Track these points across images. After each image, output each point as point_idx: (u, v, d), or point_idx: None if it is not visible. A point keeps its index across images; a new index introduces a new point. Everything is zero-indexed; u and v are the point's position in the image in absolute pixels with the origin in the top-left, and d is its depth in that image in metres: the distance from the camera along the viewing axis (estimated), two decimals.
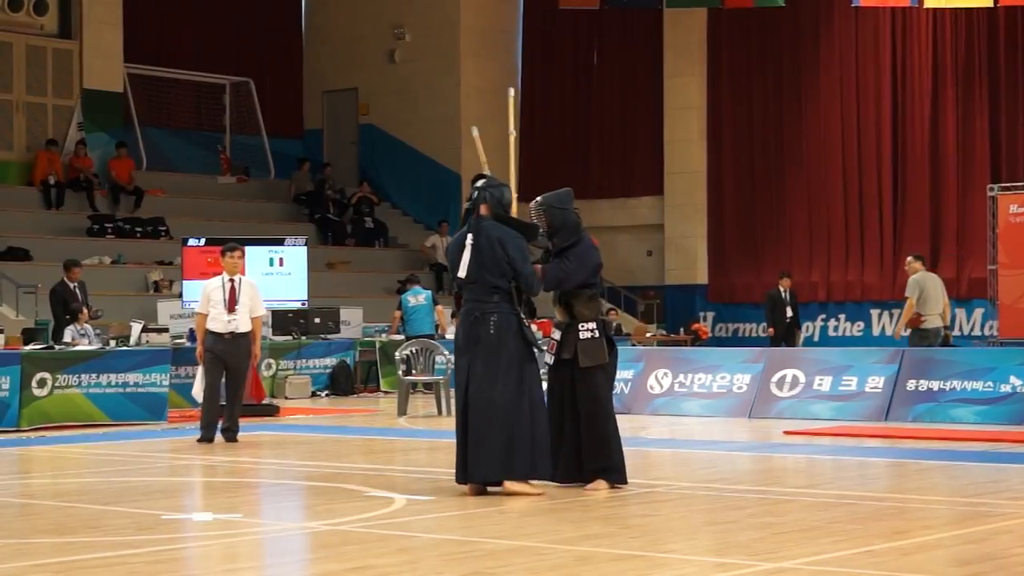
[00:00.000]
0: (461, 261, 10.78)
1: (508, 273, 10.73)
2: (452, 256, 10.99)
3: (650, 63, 31.18)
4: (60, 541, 8.93)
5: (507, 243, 10.74)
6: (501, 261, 10.71)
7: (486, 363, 10.65)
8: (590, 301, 11.21)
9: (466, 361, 10.74)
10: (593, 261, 11.32)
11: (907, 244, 28.26)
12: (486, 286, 10.74)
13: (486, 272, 10.73)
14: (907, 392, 17.50)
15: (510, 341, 10.70)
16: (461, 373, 10.79)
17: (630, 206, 31.71)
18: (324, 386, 23.51)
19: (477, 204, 10.93)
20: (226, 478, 12.73)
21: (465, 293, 10.90)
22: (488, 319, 10.71)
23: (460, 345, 10.87)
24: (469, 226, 10.88)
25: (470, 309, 10.82)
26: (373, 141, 33.33)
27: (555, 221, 11.19)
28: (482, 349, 10.67)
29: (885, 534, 8.91)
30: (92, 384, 17.66)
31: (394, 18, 32.63)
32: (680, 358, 19.89)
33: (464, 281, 10.81)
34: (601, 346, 11.08)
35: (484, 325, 10.70)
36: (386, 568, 7.83)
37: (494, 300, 10.74)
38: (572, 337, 11.03)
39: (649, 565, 7.97)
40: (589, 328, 11.06)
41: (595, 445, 10.95)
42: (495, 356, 10.65)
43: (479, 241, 10.76)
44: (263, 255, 21.44)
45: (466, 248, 10.78)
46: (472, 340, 10.73)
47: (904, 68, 28.51)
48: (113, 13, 29.77)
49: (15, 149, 28.92)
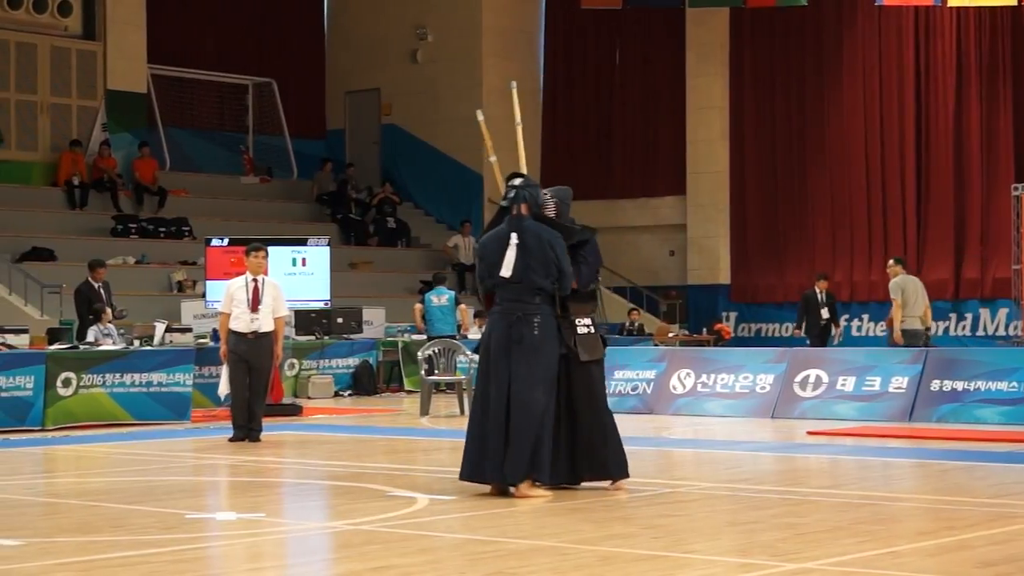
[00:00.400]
0: (505, 260, 10.69)
1: (553, 275, 10.71)
2: (490, 254, 10.84)
3: (672, 63, 31.15)
4: (84, 540, 8.95)
5: (556, 245, 10.75)
6: (550, 263, 10.70)
7: (528, 364, 10.59)
8: (588, 298, 11.18)
9: (507, 361, 10.63)
10: (600, 259, 11.43)
11: (931, 244, 28.21)
12: (530, 287, 10.70)
13: (532, 273, 10.68)
14: (931, 392, 17.46)
15: (548, 344, 10.69)
16: (502, 372, 10.62)
17: (652, 206, 31.68)
18: (347, 386, 23.54)
19: (516, 203, 10.87)
20: (249, 478, 12.75)
21: (503, 292, 10.79)
22: (531, 320, 10.66)
23: (498, 344, 10.71)
24: (510, 224, 10.80)
25: (510, 309, 10.72)
26: (395, 141, 33.35)
27: (562, 216, 11.19)
28: (525, 350, 10.61)
29: (909, 535, 8.89)
30: (116, 384, 17.70)
31: (416, 18, 32.65)
32: (703, 358, 19.87)
33: (507, 281, 10.72)
34: (598, 341, 11.07)
35: (527, 326, 10.65)
36: (409, 568, 7.84)
37: (536, 302, 10.71)
38: (569, 333, 10.94)
39: (672, 565, 7.96)
40: (585, 323, 11.01)
41: (598, 439, 10.88)
42: (536, 358, 10.61)
43: (526, 241, 10.71)
44: (286, 255, 21.46)
45: (511, 247, 10.70)
46: (514, 340, 10.63)
47: (928, 67, 28.43)
48: (137, 14, 29.86)
49: (40, 150, 29.02)
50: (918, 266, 27.97)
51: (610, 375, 19.63)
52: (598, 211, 31.77)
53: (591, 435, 10.89)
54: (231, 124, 32.71)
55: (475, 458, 10.72)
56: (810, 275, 29.13)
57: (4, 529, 9.30)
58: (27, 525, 9.67)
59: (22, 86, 28.64)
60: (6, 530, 9.24)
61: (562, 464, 10.87)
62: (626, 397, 19.54)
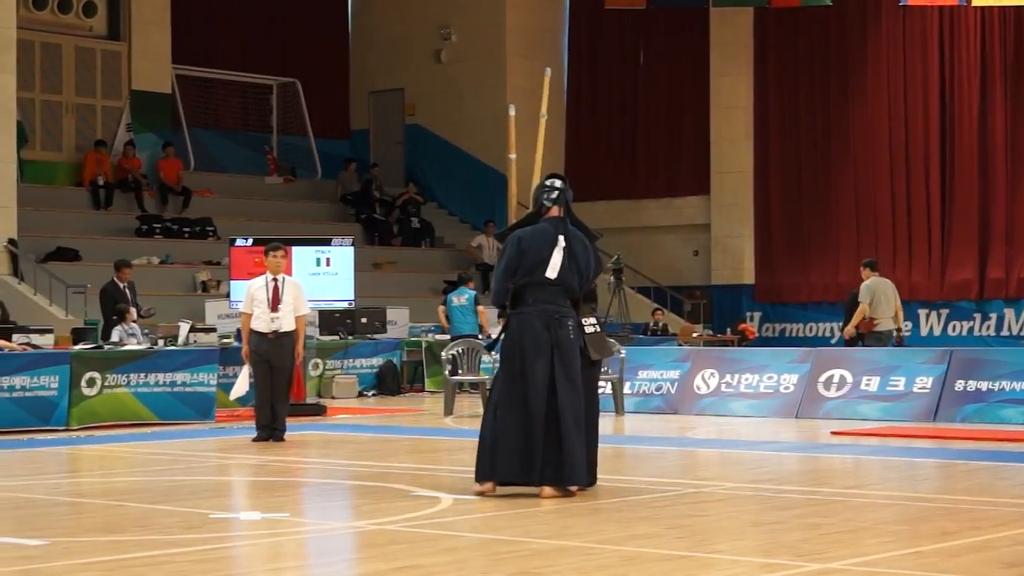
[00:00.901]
0: (551, 261, 10.63)
1: (585, 278, 10.78)
2: (535, 252, 10.68)
3: (696, 62, 31.11)
4: (109, 540, 8.97)
5: (590, 250, 10.83)
6: (586, 268, 10.76)
7: (567, 367, 10.59)
8: (590, 298, 11.15)
9: (545, 363, 10.57)
10: (600, 259, 11.36)
11: (955, 243, 28.13)
12: (567, 290, 10.72)
13: (572, 276, 10.70)
14: (955, 392, 17.42)
15: (577, 347, 10.71)
16: (539, 373, 10.53)
17: (676, 206, 31.65)
18: (371, 386, 23.57)
19: (558, 204, 10.83)
20: (273, 477, 12.77)
21: (539, 293, 10.66)
22: (566, 323, 10.67)
23: (535, 345, 10.59)
24: (555, 226, 10.74)
25: (547, 311, 10.65)
26: (419, 141, 33.38)
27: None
28: (564, 352, 10.60)
29: (933, 535, 8.86)
30: (141, 384, 17.76)
31: (440, 18, 32.67)
32: (727, 358, 19.86)
33: (549, 281, 10.66)
34: (605, 340, 11.08)
35: (563, 328, 10.65)
36: (433, 568, 7.84)
37: (568, 304, 10.75)
38: (580, 333, 10.86)
39: (696, 565, 7.95)
40: (591, 323, 10.96)
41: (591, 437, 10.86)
42: (573, 360, 10.62)
43: (573, 245, 10.73)
44: (310, 255, 21.47)
45: (558, 249, 10.67)
46: (553, 342, 10.60)
47: (952, 67, 28.36)
48: (161, 15, 29.94)
49: (64, 150, 29.12)
50: (942, 266, 27.93)
51: (634, 375, 19.67)
52: (622, 211, 31.82)
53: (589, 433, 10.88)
54: (255, 124, 32.76)
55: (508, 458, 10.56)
56: (834, 274, 29.16)
57: (29, 529, 9.34)
58: (52, 525, 9.70)
59: (47, 86, 28.74)
60: (31, 530, 9.27)
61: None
62: (650, 397, 19.54)
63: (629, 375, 19.61)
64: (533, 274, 10.67)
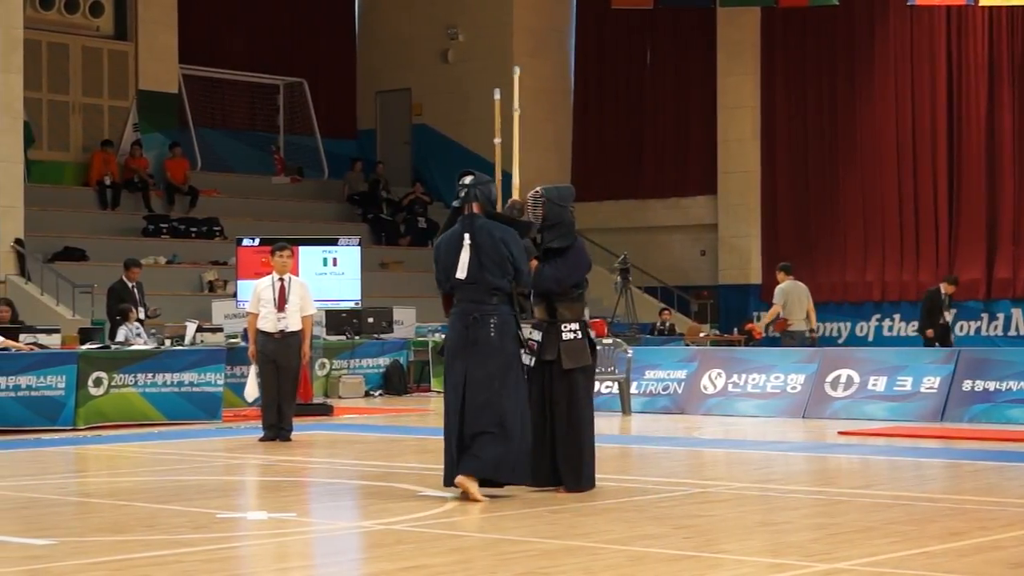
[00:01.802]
0: (460, 261, 10.48)
1: (509, 273, 10.47)
2: (445, 256, 10.61)
3: (703, 62, 31.09)
4: (116, 539, 8.98)
5: (510, 242, 10.49)
6: (504, 261, 10.45)
7: (484, 367, 10.38)
8: (574, 302, 10.95)
9: (462, 364, 10.44)
10: (585, 265, 11.05)
11: (962, 243, 28.09)
12: (486, 287, 10.47)
13: (487, 272, 10.45)
14: (963, 392, 17.41)
15: (508, 344, 10.48)
16: (456, 376, 10.46)
17: (683, 206, 31.63)
18: (377, 386, 23.57)
19: (467, 201, 10.65)
20: (280, 477, 12.77)
21: (460, 293, 10.55)
22: (488, 321, 10.44)
23: (454, 347, 10.54)
24: (463, 225, 10.61)
25: (467, 310, 10.49)
26: (426, 141, 33.38)
27: (551, 216, 10.89)
28: (480, 352, 10.40)
29: (941, 535, 8.85)
30: (148, 384, 17.76)
31: (447, 18, 32.67)
32: (734, 358, 19.85)
33: (462, 282, 10.51)
34: (584, 348, 10.83)
35: (484, 328, 10.42)
36: (439, 568, 7.84)
37: (493, 302, 10.48)
38: (554, 338, 10.79)
39: (703, 565, 7.95)
40: (572, 329, 10.81)
41: (569, 449, 10.71)
42: (493, 359, 10.40)
43: (479, 241, 10.48)
44: (317, 255, 21.47)
45: (464, 248, 10.48)
46: (469, 342, 10.42)
47: (960, 67, 28.32)
48: (168, 15, 29.95)
49: (71, 150, 29.14)
50: (949, 266, 27.88)
51: (640, 375, 19.65)
52: (629, 211, 31.82)
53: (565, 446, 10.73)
54: (262, 124, 32.78)
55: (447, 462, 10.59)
56: (841, 274, 29.15)
57: (37, 529, 9.35)
58: (59, 525, 9.71)
59: (54, 86, 28.76)
60: (39, 529, 9.28)
61: (545, 468, 10.76)
62: (657, 397, 19.53)
63: (636, 375, 19.60)
64: (450, 277, 10.59)
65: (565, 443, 10.74)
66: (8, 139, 24.02)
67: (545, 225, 10.90)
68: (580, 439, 10.76)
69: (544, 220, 10.90)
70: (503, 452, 10.35)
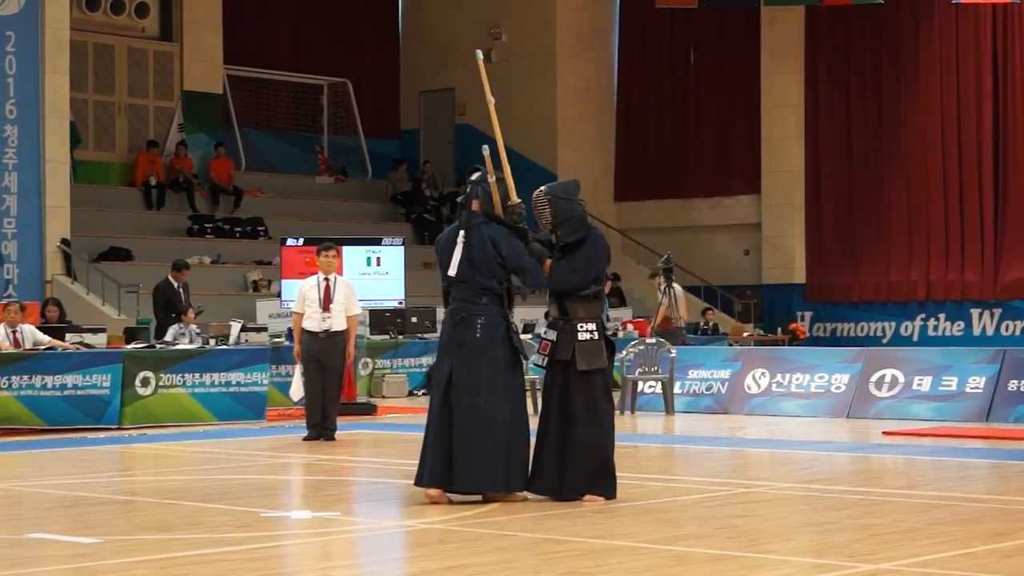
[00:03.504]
0: (452, 259, 10.40)
1: (499, 274, 10.35)
2: (442, 253, 10.54)
3: (747, 61, 31.02)
4: (162, 538, 9.02)
5: (499, 243, 10.35)
6: (493, 261, 10.33)
7: (468, 368, 10.25)
8: (590, 300, 10.58)
9: (448, 363, 10.34)
10: (603, 257, 10.66)
11: (1008, 242, 27.94)
12: (476, 287, 10.36)
13: (476, 272, 10.35)
14: (1009, 392, 17.31)
15: (496, 346, 10.31)
16: (442, 374, 10.38)
17: (727, 205, 31.57)
18: (420, 385, 23.59)
19: (469, 199, 10.58)
20: (324, 476, 12.81)
21: (454, 292, 10.46)
22: (475, 321, 10.32)
23: (443, 344, 10.48)
24: (460, 222, 10.54)
25: (456, 309, 10.41)
26: (469, 141, 33.39)
27: (560, 212, 10.61)
28: (466, 352, 10.28)
29: (986, 536, 8.81)
30: (196, 384, 17.84)
31: (491, 18, 32.69)
32: (778, 358, 19.80)
33: (454, 280, 10.43)
34: (600, 348, 10.46)
35: (470, 328, 10.31)
36: (483, 567, 7.85)
37: (483, 302, 10.35)
38: (569, 338, 10.45)
39: (746, 566, 7.94)
40: (588, 329, 10.45)
41: (587, 453, 10.29)
42: (478, 361, 10.25)
43: (471, 239, 10.39)
44: (360, 255, 21.51)
45: (458, 246, 10.41)
46: (456, 342, 10.33)
47: (1005, 66, 28.16)
48: (213, 16, 30.07)
49: (117, 150, 29.29)
50: (995, 265, 27.75)
51: (684, 374, 19.62)
52: (672, 210, 31.78)
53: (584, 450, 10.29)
54: (306, 124, 32.87)
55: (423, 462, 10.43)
56: (886, 274, 29.04)
57: (83, 527, 9.40)
58: (106, 523, 9.77)
59: (100, 87, 28.91)
60: (85, 528, 9.34)
61: (548, 474, 10.36)
62: (700, 397, 19.50)
63: (679, 375, 19.57)
64: (446, 276, 10.54)
65: (584, 447, 10.31)
66: (54, 140, 24.16)
67: (556, 223, 10.63)
68: (601, 441, 10.38)
69: (554, 218, 10.62)
70: (490, 460, 10.15)
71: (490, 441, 10.16)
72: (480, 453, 10.16)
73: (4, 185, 23.61)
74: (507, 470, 10.22)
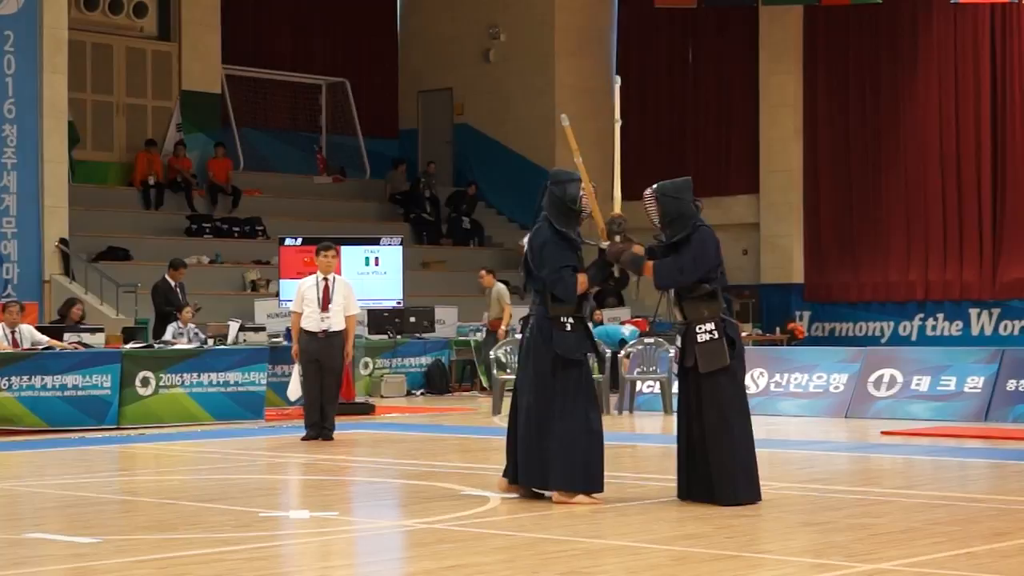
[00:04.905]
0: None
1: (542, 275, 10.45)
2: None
3: (746, 61, 31.01)
4: (161, 538, 9.03)
5: (534, 246, 10.47)
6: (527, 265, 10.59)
7: (526, 368, 10.52)
8: (706, 300, 10.40)
9: (521, 365, 10.75)
10: (711, 253, 10.44)
11: (1007, 242, 27.92)
12: (532, 289, 10.66)
13: (528, 275, 10.63)
14: (1007, 392, 17.32)
15: (539, 348, 10.40)
16: (518, 374, 10.78)
17: (725, 204, 31.52)
18: (419, 385, 23.61)
19: (541, 201, 10.70)
20: (322, 476, 12.82)
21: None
22: (529, 323, 10.59)
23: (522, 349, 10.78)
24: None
25: (529, 313, 10.74)
26: (468, 141, 33.40)
27: (668, 210, 10.47)
28: (527, 354, 10.53)
29: (985, 536, 8.82)
30: (195, 383, 17.84)
31: (489, 18, 32.69)
32: (776, 357, 19.81)
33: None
34: (721, 347, 10.31)
35: (527, 330, 10.60)
36: (482, 567, 7.85)
37: (536, 303, 10.57)
38: (690, 341, 10.32)
39: (745, 565, 7.94)
40: (707, 329, 10.30)
41: (722, 458, 10.20)
42: (531, 362, 10.44)
43: (531, 242, 10.58)
44: (359, 255, 21.54)
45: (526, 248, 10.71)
46: (525, 345, 10.60)
47: (1004, 64, 28.15)
48: (211, 15, 30.07)
49: (115, 150, 29.28)
50: (993, 265, 27.75)
51: None
52: None
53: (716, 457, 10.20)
54: (304, 124, 32.86)
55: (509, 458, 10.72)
56: (884, 274, 29.03)
57: (81, 527, 9.41)
58: (105, 523, 9.77)
59: (98, 87, 28.90)
60: (84, 527, 9.34)
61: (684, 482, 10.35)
62: None
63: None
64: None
65: (716, 454, 10.20)
66: (53, 139, 24.15)
67: (665, 221, 10.51)
68: (733, 447, 10.26)
69: (663, 217, 10.51)
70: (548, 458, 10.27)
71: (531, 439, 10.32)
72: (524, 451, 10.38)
73: (3, 185, 23.60)
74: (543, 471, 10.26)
